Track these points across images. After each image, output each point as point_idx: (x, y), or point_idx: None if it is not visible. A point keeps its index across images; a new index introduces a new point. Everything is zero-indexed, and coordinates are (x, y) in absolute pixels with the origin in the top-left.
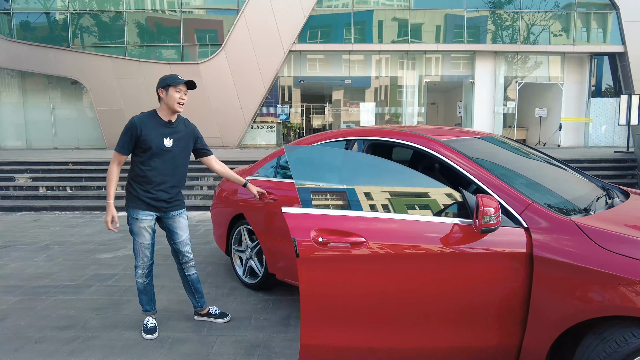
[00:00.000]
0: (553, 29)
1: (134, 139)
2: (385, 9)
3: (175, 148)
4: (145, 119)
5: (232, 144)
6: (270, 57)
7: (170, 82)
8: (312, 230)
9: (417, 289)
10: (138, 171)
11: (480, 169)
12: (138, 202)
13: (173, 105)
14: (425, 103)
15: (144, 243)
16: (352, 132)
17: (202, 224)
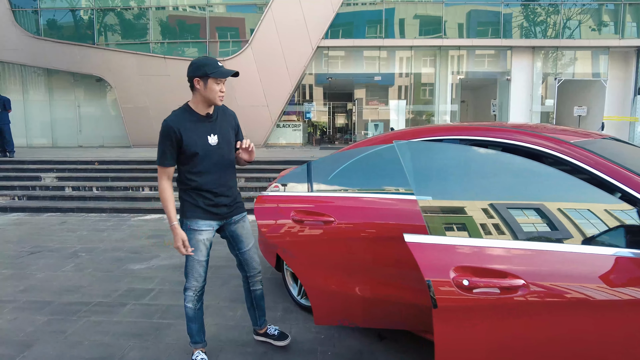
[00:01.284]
0: (597, 22)
1: (174, 144)
2: (417, 4)
3: (222, 143)
4: (180, 118)
5: (258, 143)
6: (298, 53)
7: (210, 72)
8: (451, 268)
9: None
10: (189, 181)
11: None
12: (197, 211)
13: (214, 99)
14: (458, 101)
15: (199, 260)
16: (451, 130)
17: None
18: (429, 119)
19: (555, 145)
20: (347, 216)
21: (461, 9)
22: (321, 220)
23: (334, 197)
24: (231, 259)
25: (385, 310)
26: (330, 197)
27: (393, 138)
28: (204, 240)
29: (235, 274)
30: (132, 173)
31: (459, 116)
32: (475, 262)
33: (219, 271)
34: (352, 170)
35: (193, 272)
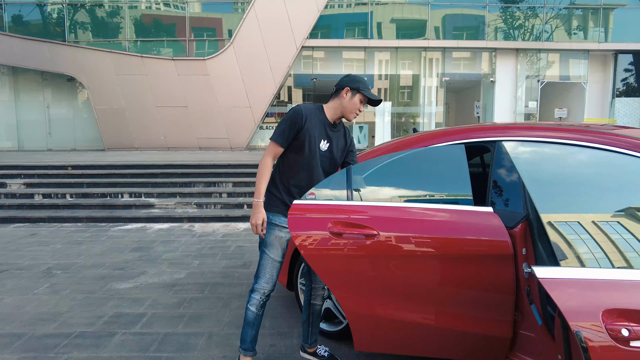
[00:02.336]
0: (577, 26)
1: (295, 129)
2: (403, 5)
3: (330, 153)
4: (312, 111)
5: (240, 146)
6: (282, 53)
7: (362, 88)
8: (602, 311)
9: None
10: (284, 170)
11: None
12: (282, 206)
13: (351, 112)
14: (443, 103)
15: (275, 259)
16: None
17: (230, 239)
18: (415, 121)
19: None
20: (392, 229)
21: (446, 12)
22: (362, 233)
23: (378, 206)
24: (228, 274)
25: (439, 339)
26: (373, 206)
27: (430, 138)
28: (282, 238)
29: (236, 292)
30: (109, 178)
31: (444, 118)
32: (627, 302)
33: (216, 290)
34: (397, 175)
35: (266, 272)
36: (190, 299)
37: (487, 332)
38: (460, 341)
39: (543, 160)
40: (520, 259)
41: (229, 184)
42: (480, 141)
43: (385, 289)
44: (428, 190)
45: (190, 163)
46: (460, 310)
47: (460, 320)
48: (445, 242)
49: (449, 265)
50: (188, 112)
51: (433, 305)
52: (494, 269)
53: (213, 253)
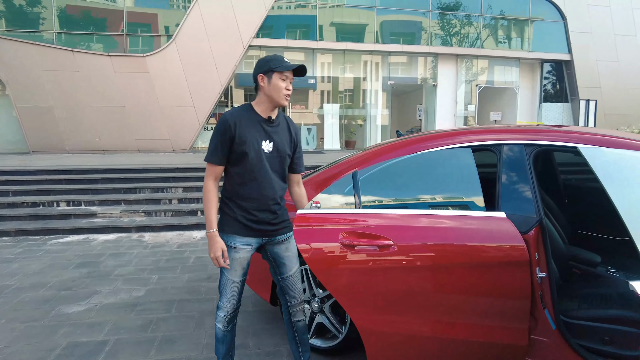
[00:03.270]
0: (509, 35)
1: (227, 141)
2: (351, 9)
3: (277, 153)
4: (239, 115)
5: (184, 147)
6: (228, 51)
7: (274, 66)
8: None
9: None
10: (232, 186)
11: None
12: (235, 225)
13: (278, 97)
14: (389, 105)
15: (233, 280)
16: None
17: (187, 249)
18: (362, 123)
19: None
20: (408, 239)
21: (391, 17)
22: (376, 244)
23: (390, 215)
24: (194, 289)
25: (458, 352)
26: (385, 215)
27: (423, 141)
28: (240, 259)
29: (208, 310)
30: (42, 185)
31: (390, 121)
32: None
33: (184, 307)
34: (407, 180)
35: (226, 292)
36: (157, 320)
37: (504, 341)
38: (479, 352)
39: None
40: (534, 264)
41: (178, 189)
42: (486, 144)
43: (401, 303)
44: (437, 194)
45: (134, 167)
46: (478, 320)
47: (478, 331)
48: (463, 250)
49: (468, 274)
50: (126, 112)
51: (452, 317)
52: (512, 275)
53: (172, 266)
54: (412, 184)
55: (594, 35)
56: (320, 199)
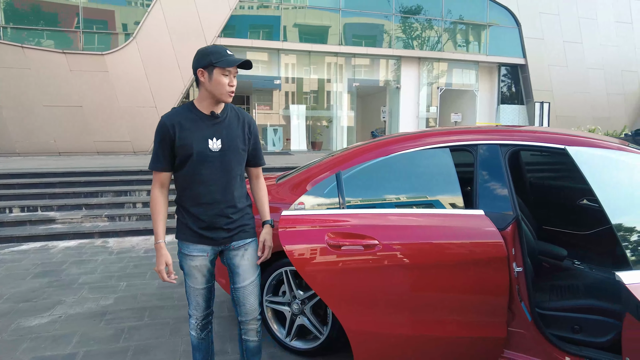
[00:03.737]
0: (468, 39)
1: (168, 145)
2: (315, 10)
3: (227, 150)
4: (179, 116)
5: (145, 149)
6: (192, 51)
7: (215, 60)
8: None
9: None
10: (181, 191)
11: None
12: (187, 233)
13: (220, 94)
14: (354, 107)
15: (195, 288)
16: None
17: (155, 254)
18: (328, 124)
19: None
20: (393, 237)
21: (355, 19)
22: (361, 244)
23: (375, 214)
24: (166, 296)
25: (442, 348)
26: (369, 214)
27: (404, 141)
28: (197, 267)
29: (183, 316)
30: None
31: (355, 122)
32: None
33: (158, 315)
34: (390, 179)
35: (191, 299)
36: (129, 329)
37: (485, 335)
38: (462, 347)
39: None
40: (511, 259)
41: (142, 192)
42: (463, 145)
43: (388, 302)
44: (419, 193)
45: (95, 170)
46: (461, 316)
47: (462, 326)
48: (447, 247)
49: (451, 271)
50: (84, 112)
51: (437, 314)
52: (492, 270)
53: (140, 272)
54: (394, 183)
55: (545, 41)
56: (304, 200)
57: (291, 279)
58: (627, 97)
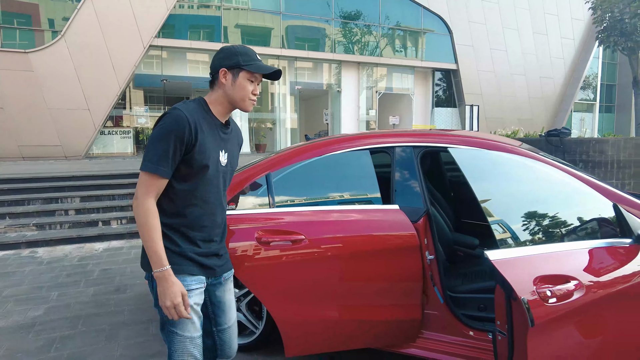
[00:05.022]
0: (404, 45)
1: (182, 147)
2: (256, 12)
3: (229, 167)
4: (196, 113)
5: (78, 154)
6: (127, 51)
7: (244, 62)
8: (532, 280)
9: (617, 334)
10: (175, 208)
11: (598, 182)
12: (183, 262)
13: (241, 100)
14: (297, 109)
15: (192, 337)
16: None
17: (90, 262)
18: (272, 126)
19: (512, 149)
20: (318, 232)
21: (296, 23)
22: (289, 239)
23: (301, 212)
24: (102, 303)
25: (364, 331)
26: (296, 212)
27: (329, 145)
28: (194, 306)
29: (120, 321)
30: None
31: (298, 124)
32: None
33: (93, 322)
34: (316, 180)
35: (183, 357)
36: (61, 338)
37: (403, 317)
38: (383, 329)
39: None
40: (424, 248)
41: (75, 198)
42: (382, 147)
43: (314, 291)
44: (342, 192)
45: (21, 176)
46: (381, 301)
47: (381, 311)
48: (366, 239)
49: (371, 260)
50: (6, 114)
51: (357, 300)
52: (407, 259)
53: (74, 281)
54: (321, 183)
55: (474, 48)
56: (236, 200)
57: None
58: (546, 101)
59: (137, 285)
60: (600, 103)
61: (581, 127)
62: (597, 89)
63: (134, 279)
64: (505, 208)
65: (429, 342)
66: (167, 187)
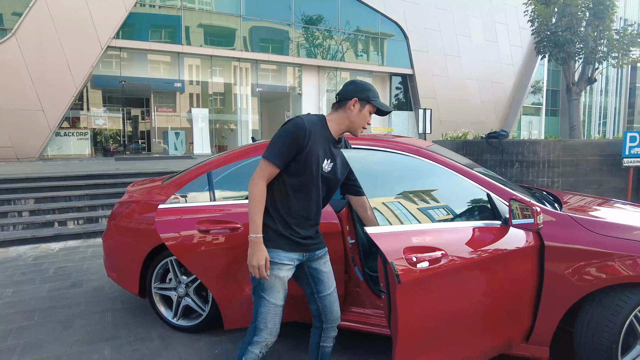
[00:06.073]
0: (363, 49)
1: (295, 148)
2: (218, 14)
3: (332, 175)
4: (314, 126)
5: (31, 156)
6: (83, 51)
7: (372, 98)
8: (402, 250)
9: (480, 293)
10: (279, 196)
11: (487, 178)
12: (280, 240)
13: (358, 126)
14: (258, 111)
15: (277, 305)
16: None
17: (46, 261)
18: (234, 128)
19: (416, 151)
20: None
21: (257, 24)
22: (227, 228)
23: (238, 204)
24: (58, 297)
25: (291, 306)
26: (234, 204)
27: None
28: (283, 278)
29: (76, 312)
30: None
31: (260, 126)
32: (415, 242)
33: (49, 314)
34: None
35: (268, 321)
36: (17, 329)
37: None
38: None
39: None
40: (346, 234)
41: (29, 200)
42: None
43: (247, 272)
44: None
45: None
46: None
47: None
48: None
49: None
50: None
51: None
52: (332, 243)
53: (29, 279)
54: None
55: (429, 54)
56: (179, 195)
57: (176, 267)
58: (496, 105)
59: (93, 280)
60: (546, 107)
61: (529, 129)
62: (543, 94)
63: (91, 275)
64: (404, 197)
65: (351, 315)
66: (281, 179)
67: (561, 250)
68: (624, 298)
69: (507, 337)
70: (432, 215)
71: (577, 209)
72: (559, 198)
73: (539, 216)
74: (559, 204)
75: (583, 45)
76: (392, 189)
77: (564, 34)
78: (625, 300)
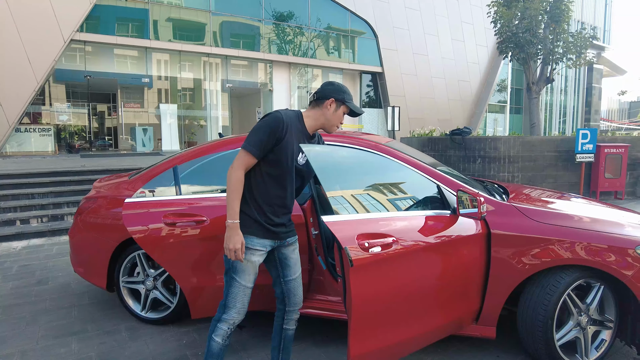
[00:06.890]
0: (334, 47)
1: (274, 140)
2: (187, 9)
3: (305, 167)
4: (291, 120)
5: None
6: (45, 45)
7: (347, 100)
8: (356, 236)
9: (430, 276)
10: (255, 184)
11: (437, 172)
12: (254, 227)
13: (332, 125)
14: (228, 108)
15: (246, 286)
16: None
17: (8, 260)
18: (204, 124)
19: (375, 146)
20: (216, 214)
21: (226, 20)
22: (193, 220)
23: (203, 198)
24: (23, 294)
25: (256, 295)
26: (199, 198)
27: (230, 143)
28: (254, 262)
29: (42, 309)
30: None
31: (230, 122)
32: (367, 229)
33: (13, 311)
34: (216, 172)
35: (236, 302)
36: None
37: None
38: (271, 293)
39: (323, 156)
40: (309, 225)
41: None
42: None
43: (212, 263)
44: None
45: None
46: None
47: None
48: None
49: None
50: None
51: None
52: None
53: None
54: (221, 175)
55: (398, 52)
56: (146, 189)
57: (143, 260)
58: (463, 103)
59: (59, 277)
60: (511, 105)
61: (495, 126)
62: (508, 92)
63: (57, 272)
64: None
65: (315, 302)
66: (258, 168)
67: (506, 237)
68: (558, 279)
69: (458, 318)
70: (388, 206)
71: (522, 200)
72: (508, 190)
73: (483, 205)
74: (507, 195)
75: (541, 47)
76: (353, 181)
77: (524, 36)
78: (560, 280)
